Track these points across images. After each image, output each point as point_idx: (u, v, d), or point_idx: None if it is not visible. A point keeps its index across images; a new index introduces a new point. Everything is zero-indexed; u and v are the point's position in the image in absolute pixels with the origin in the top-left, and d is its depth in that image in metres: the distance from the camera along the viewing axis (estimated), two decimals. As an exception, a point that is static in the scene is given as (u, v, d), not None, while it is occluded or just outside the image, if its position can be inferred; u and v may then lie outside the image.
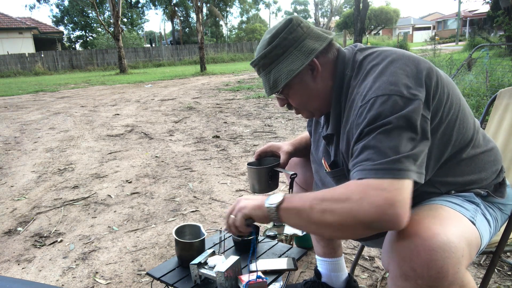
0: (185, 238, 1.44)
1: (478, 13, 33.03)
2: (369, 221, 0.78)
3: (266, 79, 1.04)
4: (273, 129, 4.80)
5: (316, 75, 1.01)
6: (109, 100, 8.73)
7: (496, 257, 1.12)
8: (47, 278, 1.83)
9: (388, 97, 0.85)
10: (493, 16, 11.78)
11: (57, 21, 37.70)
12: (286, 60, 1.00)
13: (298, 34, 1.00)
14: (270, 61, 1.02)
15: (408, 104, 0.84)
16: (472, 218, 0.91)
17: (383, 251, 0.88)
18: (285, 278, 1.62)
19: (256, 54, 1.05)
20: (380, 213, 0.77)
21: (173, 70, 19.26)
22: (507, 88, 1.53)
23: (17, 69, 22.93)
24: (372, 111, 0.86)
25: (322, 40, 1.01)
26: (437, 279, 0.77)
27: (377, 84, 0.88)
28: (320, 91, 1.03)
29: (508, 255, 1.78)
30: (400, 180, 0.79)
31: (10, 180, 3.34)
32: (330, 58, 1.02)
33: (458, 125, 0.95)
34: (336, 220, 0.82)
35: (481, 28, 25.04)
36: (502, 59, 7.33)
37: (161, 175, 3.25)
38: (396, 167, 0.80)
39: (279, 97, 1.07)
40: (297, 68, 0.98)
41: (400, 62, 0.91)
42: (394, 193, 0.77)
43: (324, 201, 0.85)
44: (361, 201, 0.79)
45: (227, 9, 43.68)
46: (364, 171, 0.83)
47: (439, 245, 0.77)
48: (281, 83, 1.00)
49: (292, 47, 1.00)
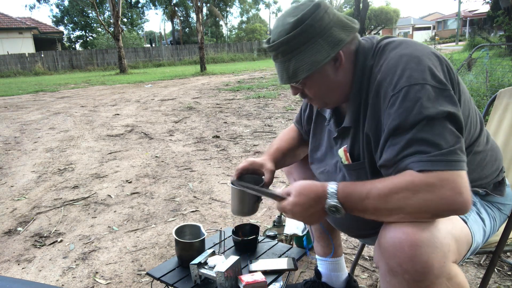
0: (185, 238, 1.44)
1: (478, 13, 33.04)
2: (441, 212, 0.81)
3: (284, 67, 0.97)
4: (273, 129, 4.80)
5: (339, 66, 0.96)
6: (109, 100, 8.73)
7: (496, 257, 1.12)
8: (47, 278, 1.83)
9: (421, 86, 0.84)
10: (493, 16, 11.78)
11: (57, 21, 37.72)
12: (310, 49, 0.92)
13: (325, 21, 0.92)
14: (292, 48, 0.94)
15: (442, 93, 0.84)
16: (464, 217, 0.92)
17: (374, 249, 0.89)
18: (285, 278, 1.62)
19: (275, 37, 0.95)
20: (450, 203, 0.79)
21: (173, 70, 19.26)
22: (507, 88, 1.53)
23: (17, 69, 22.93)
24: (407, 101, 0.84)
25: (349, 30, 0.95)
26: (423, 274, 0.78)
27: (407, 72, 0.86)
28: (340, 83, 0.98)
29: (508, 255, 1.78)
30: (458, 171, 0.81)
31: (10, 180, 3.34)
32: (352, 49, 0.98)
33: (470, 120, 0.95)
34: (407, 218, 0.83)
35: (481, 28, 25.04)
36: (502, 59, 7.33)
37: (161, 175, 3.25)
38: (452, 159, 0.80)
39: (295, 86, 1.01)
40: (323, 59, 0.92)
41: (424, 51, 0.90)
42: (459, 183, 0.79)
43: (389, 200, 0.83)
44: (430, 194, 0.80)
45: (227, 9, 43.69)
46: (421, 162, 0.81)
47: (422, 240, 0.78)
48: (302, 73, 0.94)
49: (318, 36, 0.92)
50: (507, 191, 1.09)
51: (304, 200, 0.92)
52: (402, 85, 0.85)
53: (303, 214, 0.94)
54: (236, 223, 2.07)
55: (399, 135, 0.85)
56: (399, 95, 0.85)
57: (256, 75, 13.78)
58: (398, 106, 0.85)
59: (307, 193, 0.93)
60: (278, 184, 2.86)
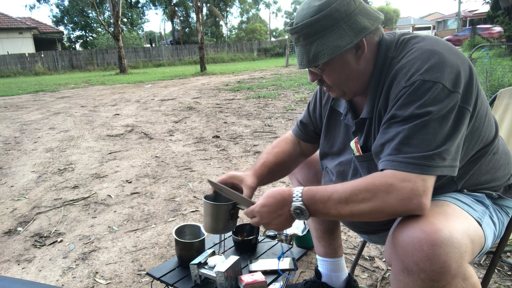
0: (185, 238, 1.44)
1: (478, 13, 33.04)
2: (396, 212, 0.84)
3: (304, 50, 0.95)
4: (273, 129, 4.80)
5: (361, 55, 0.95)
6: (109, 100, 8.73)
7: (496, 257, 1.12)
8: (47, 278, 1.83)
9: (433, 84, 0.84)
10: (493, 16, 11.77)
11: (57, 21, 37.72)
12: (333, 34, 0.92)
13: (351, 7, 0.92)
14: (315, 31, 0.92)
15: (450, 96, 0.84)
16: (479, 219, 0.92)
17: (386, 246, 0.88)
18: (285, 278, 1.61)
19: (299, 20, 0.95)
20: (405, 204, 0.82)
21: (173, 70, 19.25)
22: (507, 88, 1.53)
23: (17, 69, 22.94)
24: (414, 95, 0.85)
25: (374, 19, 0.95)
26: (440, 273, 0.78)
27: (425, 66, 0.86)
28: (360, 72, 0.98)
29: (508, 255, 1.78)
30: (425, 175, 0.83)
31: (10, 180, 3.34)
32: (375, 40, 0.98)
33: (487, 121, 0.95)
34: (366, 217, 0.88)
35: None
36: (502, 59, 7.33)
37: (161, 175, 3.25)
38: (426, 163, 0.82)
39: (314, 71, 1.00)
40: (345, 45, 0.91)
41: (447, 50, 0.89)
42: (419, 185, 0.82)
43: (349, 202, 0.87)
44: (387, 196, 0.83)
45: (227, 9, 43.71)
46: (394, 162, 0.85)
47: (442, 240, 0.78)
48: (323, 58, 0.93)
49: (343, 21, 0.91)
50: None
51: (271, 201, 0.96)
52: (416, 79, 0.86)
53: (270, 216, 0.97)
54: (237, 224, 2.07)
55: (392, 125, 0.88)
56: (410, 88, 0.86)
57: (256, 75, 13.78)
58: (405, 97, 0.86)
59: (274, 195, 0.96)
60: (278, 184, 2.86)
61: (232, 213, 1.13)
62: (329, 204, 0.89)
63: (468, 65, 0.89)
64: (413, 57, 0.89)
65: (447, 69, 0.85)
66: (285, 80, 10.74)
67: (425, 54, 0.88)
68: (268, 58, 28.05)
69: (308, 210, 0.92)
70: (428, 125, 0.83)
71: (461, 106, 0.85)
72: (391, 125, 0.89)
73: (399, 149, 0.85)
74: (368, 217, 0.87)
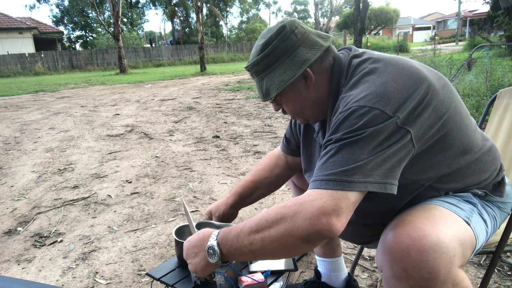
0: (185, 238, 1.44)
1: (478, 13, 33.04)
2: (306, 235, 0.78)
3: (259, 86, 1.02)
4: (273, 129, 4.80)
5: (309, 84, 0.98)
6: (109, 100, 8.73)
7: (496, 257, 1.12)
8: (47, 278, 1.83)
9: (369, 109, 0.82)
10: (493, 16, 11.77)
11: (57, 21, 37.71)
12: (278, 69, 0.97)
13: (291, 42, 0.96)
14: (262, 69, 0.99)
15: (389, 120, 0.81)
16: (467, 218, 0.91)
17: (377, 252, 0.88)
18: (285, 279, 1.62)
19: (250, 59, 1.02)
20: (313, 224, 0.77)
21: (173, 70, 19.26)
22: (507, 88, 1.53)
23: (17, 69, 22.93)
24: (347, 120, 0.84)
25: (317, 48, 0.96)
26: (429, 280, 0.77)
27: (363, 94, 0.85)
28: (314, 99, 1.00)
29: (508, 255, 1.78)
30: (343, 192, 0.79)
31: (10, 180, 3.34)
32: (325, 66, 0.99)
33: (457, 133, 0.92)
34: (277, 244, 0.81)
35: (481, 28, 25.04)
36: (502, 59, 7.33)
37: (161, 175, 3.25)
38: (344, 179, 0.79)
39: (273, 103, 1.06)
40: (289, 79, 0.95)
41: (395, 75, 0.87)
42: (330, 203, 0.78)
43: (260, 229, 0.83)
44: (295, 216, 0.79)
45: (227, 9, 43.70)
46: (314, 182, 0.83)
47: (429, 246, 0.77)
48: (273, 92, 0.98)
49: (284, 56, 0.96)
50: (507, 189, 1.08)
51: (194, 238, 0.97)
52: (351, 105, 0.85)
53: (188, 252, 0.97)
54: (236, 223, 2.07)
55: (325, 148, 0.87)
56: (345, 113, 0.85)
57: (256, 75, 13.77)
58: (340, 121, 0.85)
59: (200, 232, 0.96)
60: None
61: None
62: (241, 236, 0.85)
63: (425, 85, 0.86)
64: (356, 87, 0.89)
65: (388, 96, 0.83)
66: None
67: (367, 83, 0.87)
68: (268, 58, 27.99)
69: (220, 250, 0.88)
70: (355, 144, 0.81)
71: (400, 126, 0.82)
72: (324, 148, 0.87)
73: (321, 168, 0.83)
74: (279, 244, 0.81)
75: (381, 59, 0.93)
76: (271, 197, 2.62)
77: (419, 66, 0.92)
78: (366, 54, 0.98)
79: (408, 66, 0.90)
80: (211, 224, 1.30)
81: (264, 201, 2.56)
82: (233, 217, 1.36)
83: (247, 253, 0.85)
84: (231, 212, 1.34)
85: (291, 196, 2.60)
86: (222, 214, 1.32)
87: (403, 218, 0.87)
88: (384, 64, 0.91)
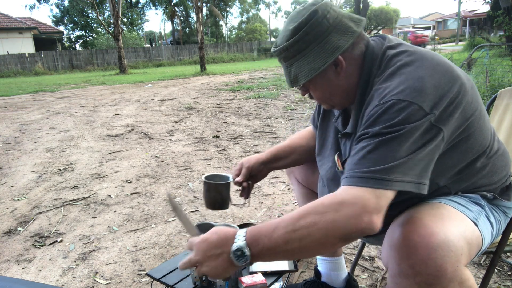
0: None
1: (478, 13, 33.04)
2: (348, 233, 0.78)
3: (287, 72, 1.00)
4: (273, 129, 4.80)
5: (340, 71, 0.96)
6: (109, 100, 8.73)
7: (496, 257, 1.12)
8: (47, 278, 1.83)
9: (408, 104, 0.81)
10: (493, 16, 11.76)
11: (57, 21, 37.70)
12: (307, 56, 0.94)
13: (322, 28, 0.92)
14: (291, 55, 0.96)
15: (425, 117, 0.80)
16: (475, 219, 0.91)
17: (383, 249, 0.87)
18: (285, 279, 1.61)
19: (278, 43, 0.99)
20: (355, 223, 0.77)
21: (173, 70, 19.25)
22: (507, 88, 1.53)
23: (17, 69, 22.94)
24: (386, 114, 0.82)
25: (349, 35, 0.93)
26: (436, 277, 0.77)
27: (401, 87, 0.83)
28: (343, 87, 0.98)
29: (508, 255, 1.78)
30: (383, 190, 0.79)
31: (10, 180, 3.34)
32: (356, 54, 0.96)
33: (478, 135, 0.93)
34: (316, 243, 0.79)
35: (481, 28, 25.04)
36: (502, 59, 7.33)
37: (161, 175, 3.25)
38: (382, 177, 0.79)
39: (301, 89, 1.04)
40: (319, 67, 0.93)
41: (431, 71, 0.86)
42: (372, 201, 0.78)
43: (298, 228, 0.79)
44: (337, 215, 0.78)
45: (227, 9, 43.71)
46: (350, 178, 0.82)
47: (437, 243, 0.77)
48: (301, 79, 0.96)
49: (315, 43, 0.93)
50: None
51: (213, 238, 0.85)
52: (389, 98, 0.83)
53: (205, 254, 0.84)
54: (236, 224, 2.07)
55: (360, 141, 0.86)
56: (383, 106, 0.84)
57: (256, 75, 13.78)
58: (377, 115, 0.84)
59: (219, 233, 0.86)
60: (278, 184, 2.86)
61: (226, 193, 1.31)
62: (275, 235, 0.79)
63: (458, 84, 0.86)
64: (392, 79, 0.87)
65: (426, 91, 0.82)
66: (285, 80, 10.72)
67: (404, 77, 0.86)
68: (268, 58, 28.03)
69: (250, 251, 0.80)
70: (393, 141, 0.80)
71: (434, 124, 0.82)
72: (359, 141, 0.86)
73: (359, 164, 0.82)
74: (318, 243, 0.78)
75: (417, 52, 0.91)
76: (271, 197, 2.62)
77: (452, 64, 0.92)
78: (401, 46, 0.95)
79: (443, 63, 0.89)
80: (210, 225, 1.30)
81: (264, 201, 2.56)
82: (260, 175, 1.33)
83: (280, 253, 0.81)
84: (261, 169, 1.31)
85: (291, 196, 2.60)
86: (252, 167, 1.29)
87: (411, 215, 0.86)
88: (420, 57, 0.89)
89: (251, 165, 1.30)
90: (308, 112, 5.65)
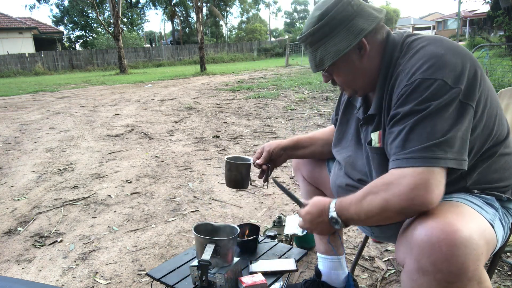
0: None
1: (478, 13, 33.03)
2: (402, 210, 0.85)
3: (312, 56, 1.04)
4: (273, 129, 4.80)
5: (364, 54, 1.01)
6: (109, 100, 8.73)
7: (496, 257, 1.11)
8: (47, 278, 1.83)
9: (434, 81, 0.86)
10: (493, 16, 11.76)
11: (57, 21, 37.71)
12: (333, 39, 0.99)
13: (348, 13, 0.99)
14: (317, 39, 1.02)
15: (451, 90, 0.85)
16: (491, 221, 0.91)
17: (398, 244, 0.87)
18: (285, 279, 1.61)
19: (304, 30, 1.04)
20: (408, 201, 0.83)
21: (173, 70, 19.26)
22: (507, 88, 1.53)
23: (17, 69, 22.94)
24: (415, 93, 0.88)
25: (372, 19, 1.00)
26: (457, 275, 0.76)
27: (425, 65, 0.89)
28: (366, 70, 1.03)
29: (508, 255, 1.78)
30: (430, 168, 0.83)
31: (10, 180, 3.33)
32: (379, 39, 1.02)
33: (498, 120, 0.96)
34: (378, 215, 0.90)
35: (481, 28, 25.04)
36: (502, 59, 7.33)
37: (161, 175, 3.25)
38: (426, 155, 0.84)
39: (325, 74, 1.08)
40: (344, 48, 0.98)
41: (451, 50, 0.91)
42: (422, 179, 0.83)
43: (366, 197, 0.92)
44: (387, 192, 0.86)
45: (227, 9, 43.72)
46: (397, 161, 0.88)
47: (461, 241, 0.76)
48: (327, 62, 1.01)
49: (341, 27, 0.99)
50: None
51: (313, 210, 1.04)
52: (416, 77, 0.89)
53: (312, 222, 1.05)
54: (236, 223, 2.07)
55: (395, 124, 0.92)
56: (411, 86, 0.89)
57: (256, 75, 13.78)
58: (406, 95, 0.89)
59: (317, 205, 1.04)
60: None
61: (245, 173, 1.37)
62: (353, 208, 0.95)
63: (474, 65, 0.91)
64: (416, 58, 0.93)
65: (448, 67, 0.87)
66: (285, 80, 10.74)
67: (427, 55, 0.91)
68: (268, 58, 28.05)
69: (341, 218, 0.98)
70: (427, 118, 0.85)
71: (463, 101, 0.86)
72: (394, 124, 0.92)
73: (401, 146, 0.88)
74: (381, 217, 0.90)
75: (436, 37, 0.99)
76: (271, 197, 2.62)
77: None
78: (419, 35, 1.02)
79: (461, 47, 0.95)
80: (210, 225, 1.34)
81: (264, 201, 2.56)
82: (280, 160, 1.40)
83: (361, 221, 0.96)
84: (280, 154, 1.39)
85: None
86: (272, 151, 1.37)
87: (432, 212, 0.85)
88: (440, 39, 0.96)
89: (272, 149, 1.37)
90: (308, 112, 5.65)
